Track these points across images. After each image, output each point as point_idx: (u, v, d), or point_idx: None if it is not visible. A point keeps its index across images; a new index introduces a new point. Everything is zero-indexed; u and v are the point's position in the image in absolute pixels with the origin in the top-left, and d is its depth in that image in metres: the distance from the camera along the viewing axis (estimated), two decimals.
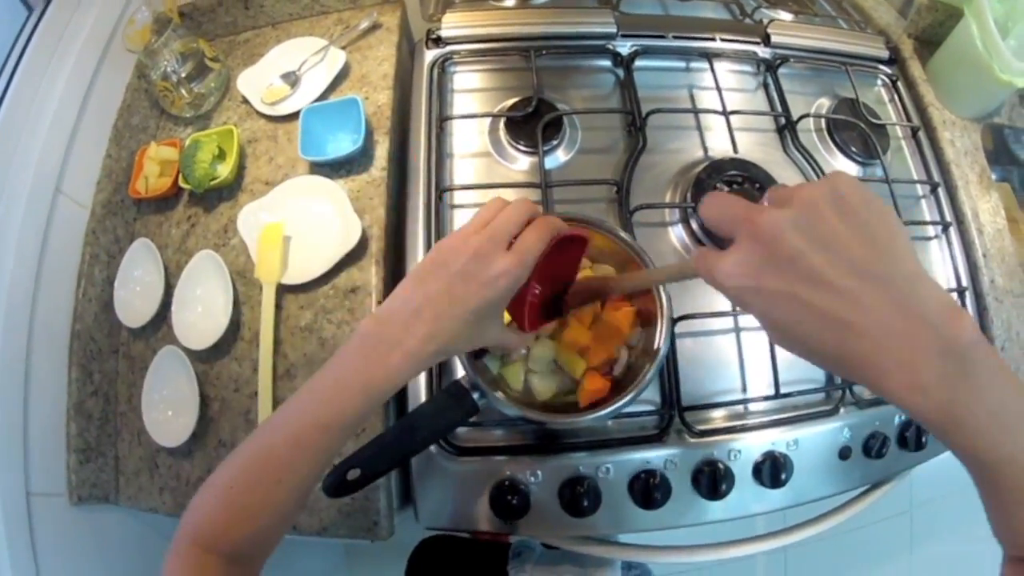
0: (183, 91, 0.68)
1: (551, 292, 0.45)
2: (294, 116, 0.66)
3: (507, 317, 0.43)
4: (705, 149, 0.66)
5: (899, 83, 0.78)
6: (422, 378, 0.56)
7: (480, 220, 0.37)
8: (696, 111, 0.67)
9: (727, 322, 0.61)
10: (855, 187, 0.24)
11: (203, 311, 0.62)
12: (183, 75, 0.68)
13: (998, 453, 0.23)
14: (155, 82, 0.68)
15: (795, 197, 0.24)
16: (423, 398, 0.56)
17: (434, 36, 0.68)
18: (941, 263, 0.70)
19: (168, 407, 0.62)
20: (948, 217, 0.71)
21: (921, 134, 0.75)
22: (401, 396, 0.58)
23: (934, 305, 0.23)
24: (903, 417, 0.61)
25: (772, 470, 0.57)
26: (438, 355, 0.37)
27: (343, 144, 0.63)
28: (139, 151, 0.69)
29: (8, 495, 0.54)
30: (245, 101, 0.70)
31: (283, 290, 0.61)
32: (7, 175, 0.60)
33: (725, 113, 0.65)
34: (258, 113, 0.68)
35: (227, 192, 0.67)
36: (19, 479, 0.56)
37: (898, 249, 0.23)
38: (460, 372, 0.57)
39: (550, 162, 0.63)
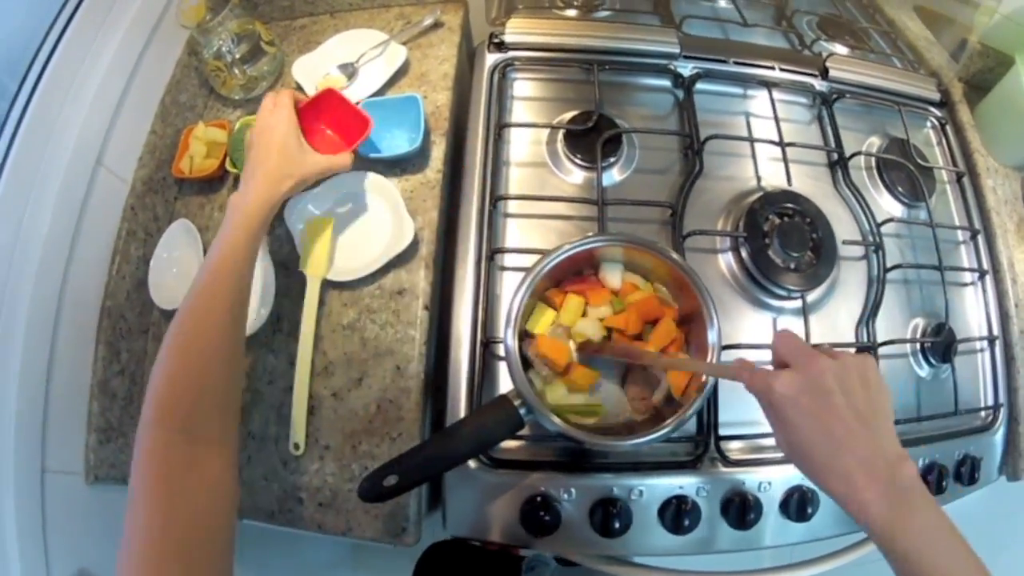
0: (236, 72, 0.66)
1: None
2: None
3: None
4: (758, 178, 0.66)
5: (948, 127, 0.78)
6: (462, 390, 0.56)
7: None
8: (753, 140, 0.66)
9: (767, 354, 0.61)
10: (874, 369, 0.37)
11: None
12: (237, 56, 0.66)
13: (921, 558, 0.32)
14: (207, 60, 0.67)
15: (842, 357, 0.36)
16: (462, 410, 0.55)
17: (497, 40, 0.67)
18: (975, 310, 0.71)
19: None
20: (985, 265, 0.72)
21: (966, 180, 0.76)
22: (439, 407, 0.58)
23: (894, 451, 0.35)
24: (926, 461, 0.62)
25: (799, 504, 0.58)
26: (279, 176, 0.53)
27: (399, 142, 0.62)
28: (185, 130, 0.67)
29: (22, 470, 0.53)
30: (299, 88, 0.68)
31: (327, 286, 0.60)
32: (48, 142, 0.59)
33: (782, 144, 0.65)
34: None
35: None
36: (35, 455, 0.55)
37: (884, 415, 0.36)
38: (503, 387, 0.57)
39: (606, 179, 0.62)
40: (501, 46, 0.67)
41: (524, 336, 0.52)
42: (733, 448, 0.58)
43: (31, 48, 0.62)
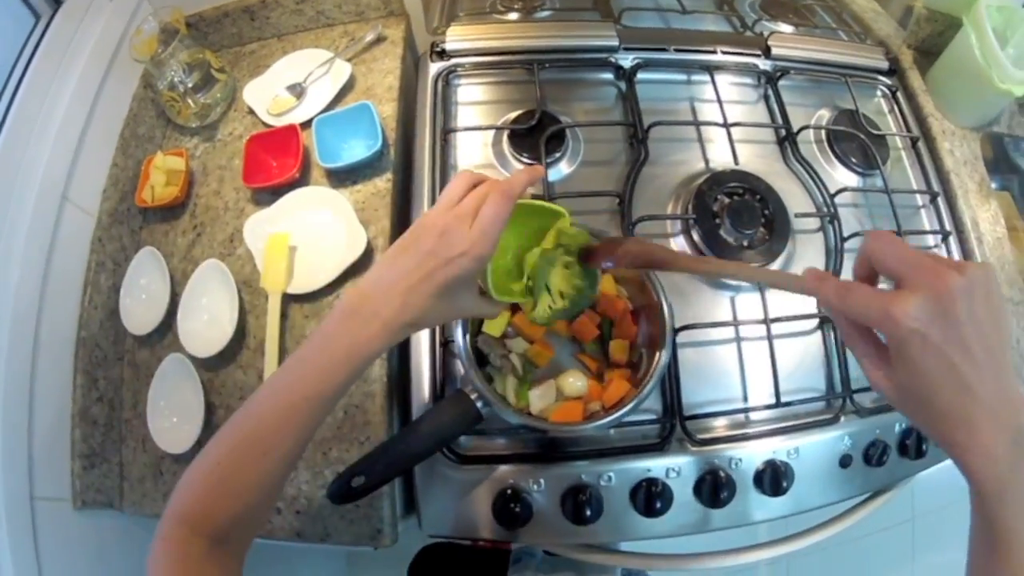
0: (190, 101, 0.68)
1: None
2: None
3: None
4: (706, 161, 0.67)
5: (899, 94, 0.78)
6: (426, 385, 0.57)
7: (450, 197, 0.39)
8: (697, 123, 0.67)
9: (728, 332, 0.61)
10: (998, 286, 0.29)
11: (208, 319, 0.63)
12: (190, 85, 0.68)
13: (1017, 520, 0.28)
14: (162, 92, 0.69)
15: (965, 272, 0.28)
16: (427, 405, 0.56)
17: (438, 49, 0.69)
18: None
19: (173, 414, 0.62)
20: (948, 226, 0.72)
21: (921, 144, 0.76)
22: (405, 404, 0.59)
23: (1019, 395, 0.29)
24: (904, 425, 0.62)
25: (773, 478, 0.58)
26: (413, 326, 0.39)
27: (358, 150, 0.64)
28: (145, 160, 0.69)
29: (12, 499, 0.55)
30: (251, 112, 0.70)
31: (288, 299, 0.61)
32: (14, 181, 0.61)
33: (726, 125, 0.66)
34: (264, 124, 0.69)
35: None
36: (23, 484, 0.57)
37: (1008, 344, 0.30)
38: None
39: (553, 174, 0.63)
40: (443, 54, 0.69)
41: (478, 332, 0.53)
42: (700, 427, 0.58)
43: None
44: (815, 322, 0.63)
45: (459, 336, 0.49)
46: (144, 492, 0.64)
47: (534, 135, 0.63)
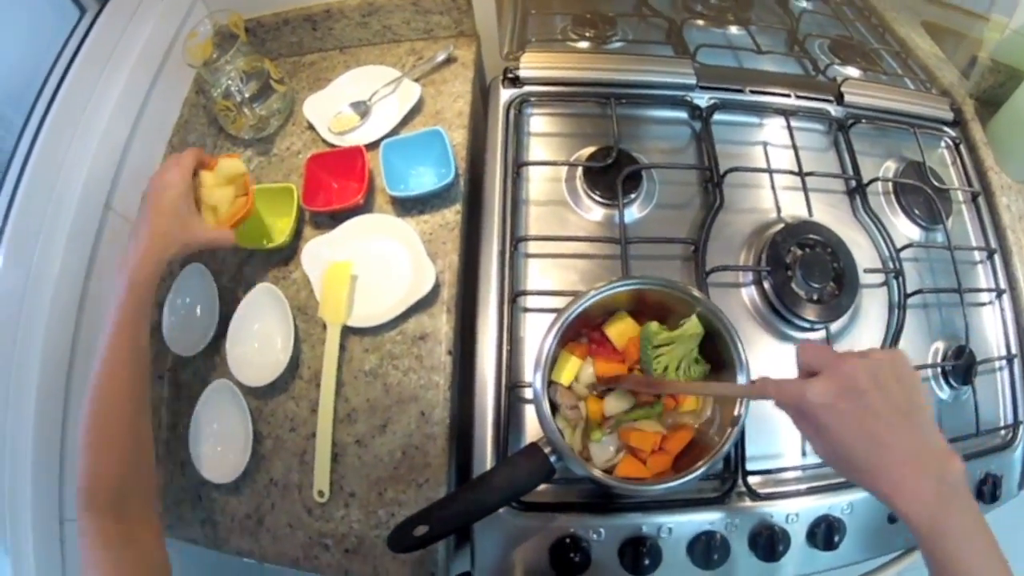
0: (246, 111, 0.65)
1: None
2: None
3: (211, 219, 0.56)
4: (778, 209, 0.66)
5: (961, 146, 0.78)
6: (488, 437, 0.55)
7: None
8: (772, 171, 0.66)
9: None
10: (906, 362, 0.35)
11: (259, 346, 0.60)
12: (247, 95, 0.65)
13: (959, 561, 0.32)
14: (216, 100, 0.66)
15: (870, 355, 0.35)
16: (489, 457, 0.55)
17: (512, 75, 0.66)
18: (993, 329, 0.71)
19: (218, 442, 0.60)
20: (1003, 284, 0.72)
21: (980, 199, 0.75)
22: (466, 455, 0.57)
23: (940, 445, 0.34)
24: None
25: (827, 534, 0.58)
26: (166, 240, 0.52)
27: (427, 179, 0.62)
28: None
29: (41, 521, 0.53)
30: (310, 127, 0.67)
31: (347, 331, 0.59)
32: (54, 186, 0.58)
33: (801, 174, 0.65)
34: (324, 141, 0.66)
35: None
36: (53, 505, 0.55)
37: (923, 405, 0.35)
38: (529, 431, 0.56)
39: (626, 216, 0.62)
40: (516, 81, 0.66)
41: (549, 384, 0.52)
42: (760, 482, 0.58)
43: (35, 82, 0.61)
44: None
45: (538, 383, 0.48)
46: (180, 516, 0.61)
47: (610, 174, 0.62)
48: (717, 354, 0.52)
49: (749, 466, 0.57)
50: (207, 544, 0.60)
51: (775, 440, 0.60)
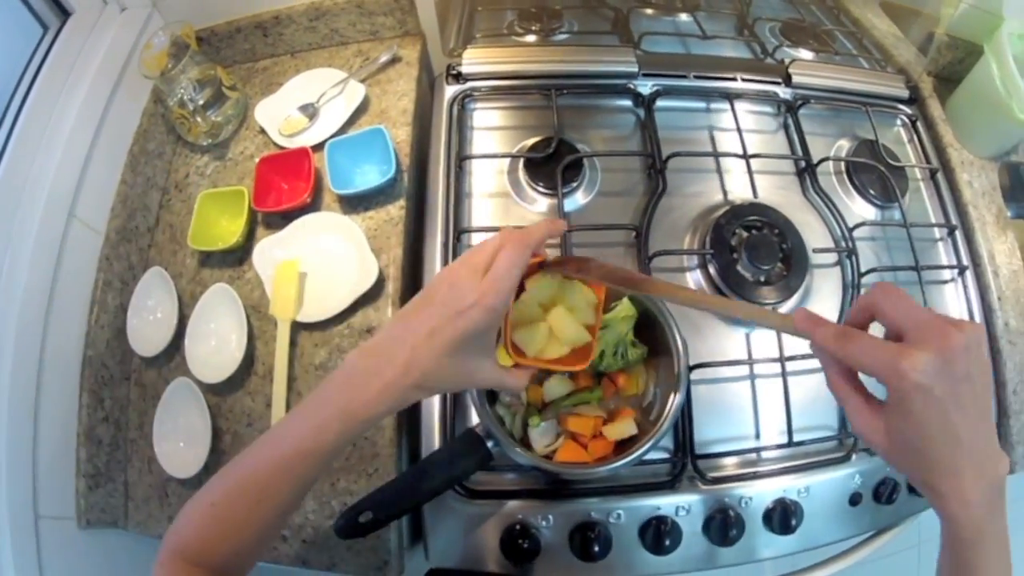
0: (199, 119, 0.67)
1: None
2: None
3: (507, 359, 0.42)
4: (724, 192, 0.66)
5: (918, 123, 0.77)
6: (436, 425, 0.56)
7: (471, 252, 0.37)
8: (716, 154, 0.66)
9: (742, 370, 0.61)
10: (985, 345, 0.31)
11: (216, 344, 0.62)
12: (200, 103, 0.67)
13: (986, 568, 0.31)
14: (172, 108, 0.68)
15: (965, 330, 0.29)
16: (436, 445, 0.55)
17: (455, 72, 0.67)
18: (956, 307, 0.70)
19: (179, 438, 0.62)
20: (965, 260, 0.71)
21: (939, 175, 0.75)
22: (414, 442, 0.58)
23: (997, 447, 0.31)
24: None
25: (783, 517, 0.58)
26: (417, 389, 0.36)
27: (371, 176, 0.63)
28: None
29: (17, 518, 0.54)
30: (262, 131, 0.69)
31: (298, 327, 0.60)
32: (20, 197, 0.60)
33: (746, 156, 0.65)
34: (275, 144, 0.68)
35: None
36: (28, 502, 0.56)
37: (991, 399, 0.33)
38: (475, 419, 0.57)
39: (569, 204, 0.62)
40: (459, 77, 0.67)
41: None
42: (710, 465, 0.57)
43: (1, 98, 0.64)
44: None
45: None
46: (149, 513, 0.63)
47: (551, 164, 0.62)
48: (655, 339, 0.53)
49: (699, 450, 0.57)
50: None
51: (726, 424, 0.60)
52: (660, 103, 0.68)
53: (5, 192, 0.59)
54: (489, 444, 0.48)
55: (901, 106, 0.78)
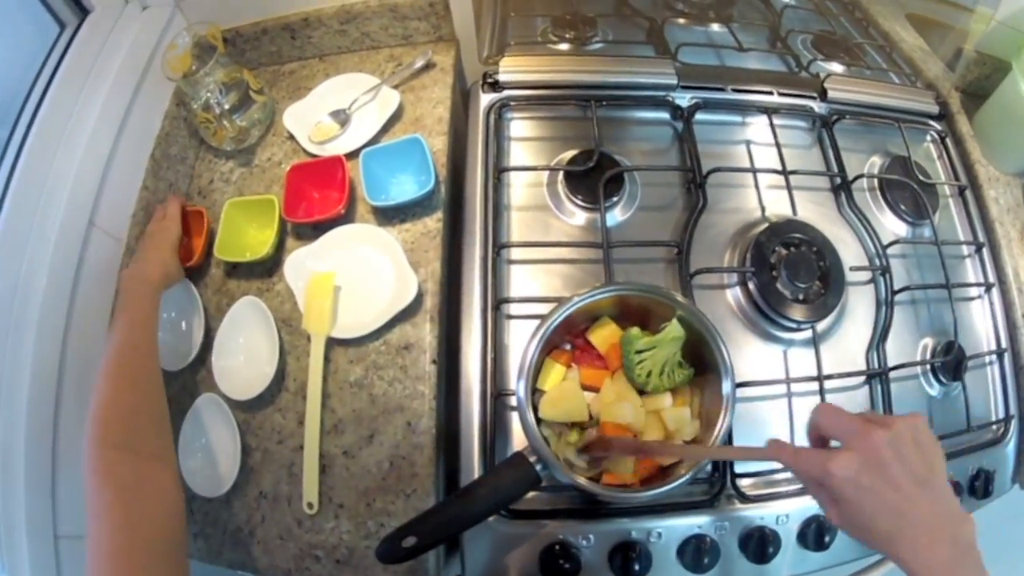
0: (226, 124, 0.65)
1: None
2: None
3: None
4: (762, 208, 0.65)
5: (947, 139, 0.77)
6: (475, 445, 0.55)
7: None
8: (755, 170, 0.65)
9: (779, 388, 0.61)
10: (926, 429, 0.37)
11: (245, 360, 0.60)
12: (226, 107, 0.65)
13: None
14: (196, 112, 0.66)
15: (892, 425, 0.35)
16: (476, 465, 0.55)
17: (491, 80, 0.66)
18: (983, 324, 0.71)
19: (206, 456, 0.60)
20: (991, 278, 0.72)
21: (968, 192, 0.75)
22: (452, 461, 0.57)
23: (954, 508, 0.35)
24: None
25: (817, 534, 0.58)
26: (167, 268, 0.59)
27: (408, 187, 0.61)
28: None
29: (36, 537, 0.53)
30: (291, 137, 0.67)
31: (331, 342, 0.59)
32: (38, 204, 0.58)
33: (785, 173, 0.64)
34: (304, 151, 0.66)
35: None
36: (47, 520, 0.55)
37: (940, 472, 0.36)
38: (516, 438, 0.56)
39: (609, 219, 0.61)
40: (495, 86, 0.66)
41: (533, 391, 0.51)
42: (749, 484, 0.57)
43: (17, 97, 0.61)
44: (863, 378, 0.63)
45: (521, 391, 0.48)
46: None
47: (592, 177, 0.61)
48: (701, 357, 0.52)
49: (738, 468, 0.57)
50: (201, 558, 0.60)
51: (762, 442, 0.59)
52: (698, 116, 0.67)
53: (23, 199, 0.57)
54: (538, 467, 0.47)
55: (931, 122, 0.78)
